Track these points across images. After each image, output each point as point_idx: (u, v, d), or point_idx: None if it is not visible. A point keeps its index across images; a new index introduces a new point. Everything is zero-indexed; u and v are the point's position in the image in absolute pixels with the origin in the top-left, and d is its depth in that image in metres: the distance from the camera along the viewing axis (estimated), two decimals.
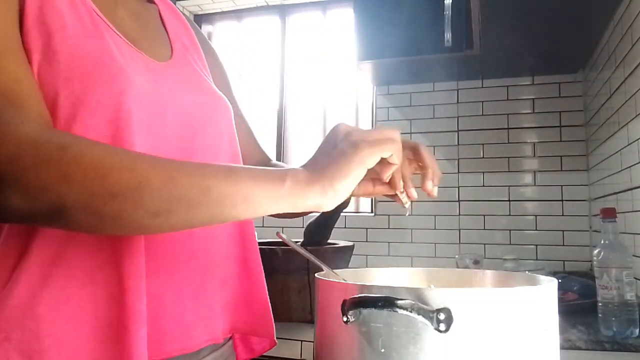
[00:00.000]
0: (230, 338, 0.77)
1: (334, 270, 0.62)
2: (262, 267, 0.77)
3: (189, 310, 0.64)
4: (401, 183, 0.67)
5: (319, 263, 0.62)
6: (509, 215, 2.05)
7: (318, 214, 1.43)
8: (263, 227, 2.32)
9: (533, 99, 2.08)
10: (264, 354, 0.79)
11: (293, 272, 1.27)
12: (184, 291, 0.64)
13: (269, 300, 0.76)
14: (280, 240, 0.62)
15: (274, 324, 0.76)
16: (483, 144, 2.11)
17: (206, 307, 0.67)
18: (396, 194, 0.67)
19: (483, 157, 2.11)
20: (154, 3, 0.80)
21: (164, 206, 0.48)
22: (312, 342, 0.57)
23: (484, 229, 2.07)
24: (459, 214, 2.11)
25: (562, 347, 0.57)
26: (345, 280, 0.60)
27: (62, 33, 0.57)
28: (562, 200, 2.01)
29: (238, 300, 0.74)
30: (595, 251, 1.11)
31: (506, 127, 2.10)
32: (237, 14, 2.62)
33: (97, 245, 0.57)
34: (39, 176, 0.46)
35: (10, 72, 0.52)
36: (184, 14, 0.86)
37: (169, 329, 0.62)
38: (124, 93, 0.58)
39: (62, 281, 0.54)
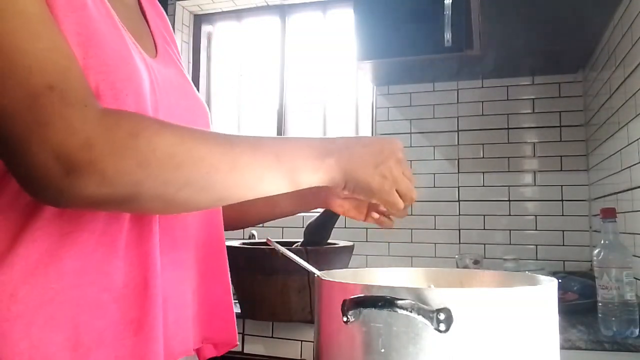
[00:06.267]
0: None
1: (322, 272, 0.62)
2: (227, 272, 0.75)
3: (170, 321, 0.62)
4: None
5: (311, 268, 0.62)
6: (509, 215, 2.05)
7: (318, 214, 1.43)
8: (263, 227, 2.32)
9: (533, 99, 2.08)
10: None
11: (293, 272, 1.27)
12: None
13: (232, 305, 0.75)
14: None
15: (236, 328, 0.75)
16: (483, 144, 2.11)
17: (184, 318, 0.65)
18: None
19: (483, 157, 2.11)
20: None
21: (227, 193, 0.53)
22: (312, 342, 0.57)
23: (484, 229, 2.07)
24: (459, 214, 2.11)
25: (562, 347, 0.57)
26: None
27: (82, 12, 0.51)
28: (562, 200, 2.01)
29: (207, 310, 0.71)
30: (595, 251, 1.11)
31: (506, 127, 2.09)
32: (237, 14, 2.62)
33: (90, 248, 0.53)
34: (116, 164, 0.45)
35: (62, 49, 0.47)
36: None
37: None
38: (139, 92, 0.55)
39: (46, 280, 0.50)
